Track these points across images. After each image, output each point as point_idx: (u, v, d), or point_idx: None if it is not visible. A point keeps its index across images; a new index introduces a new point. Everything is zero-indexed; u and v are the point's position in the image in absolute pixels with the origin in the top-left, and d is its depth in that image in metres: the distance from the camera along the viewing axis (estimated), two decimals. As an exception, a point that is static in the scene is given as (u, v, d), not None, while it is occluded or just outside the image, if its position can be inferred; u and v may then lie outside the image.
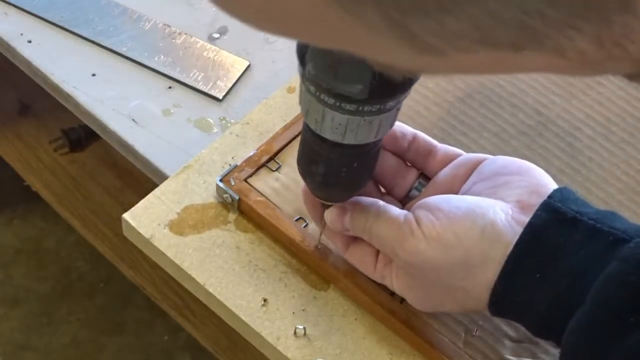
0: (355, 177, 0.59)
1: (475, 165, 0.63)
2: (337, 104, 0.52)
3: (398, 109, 0.54)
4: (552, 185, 0.59)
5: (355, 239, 0.62)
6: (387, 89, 0.51)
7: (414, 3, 0.25)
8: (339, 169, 0.58)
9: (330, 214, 0.62)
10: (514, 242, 0.56)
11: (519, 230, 0.56)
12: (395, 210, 0.59)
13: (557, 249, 0.55)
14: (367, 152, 0.57)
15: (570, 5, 0.24)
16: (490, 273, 0.57)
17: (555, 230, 0.56)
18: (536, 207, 0.57)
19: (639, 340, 0.50)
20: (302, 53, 0.52)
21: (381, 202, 0.60)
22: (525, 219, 0.57)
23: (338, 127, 0.53)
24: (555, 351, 0.63)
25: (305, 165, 0.59)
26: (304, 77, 0.53)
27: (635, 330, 0.51)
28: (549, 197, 0.57)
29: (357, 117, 0.53)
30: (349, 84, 0.50)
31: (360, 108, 0.52)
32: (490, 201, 0.58)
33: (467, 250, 0.56)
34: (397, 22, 0.26)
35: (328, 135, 0.55)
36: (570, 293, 0.54)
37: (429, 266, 0.57)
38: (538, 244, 0.56)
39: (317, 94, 0.52)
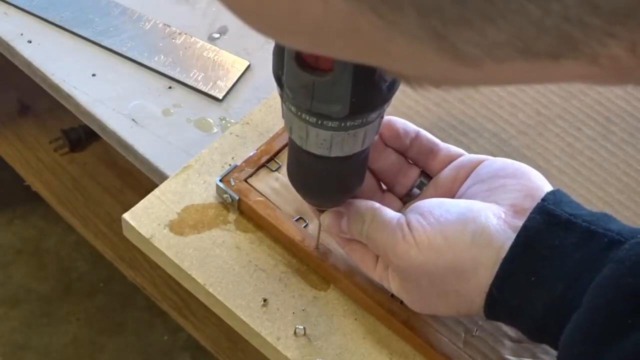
0: (345, 184, 0.59)
1: (475, 167, 0.63)
2: (319, 122, 0.52)
3: (382, 117, 0.54)
4: (547, 188, 0.59)
5: None
6: (367, 103, 0.51)
7: (458, 13, 0.25)
8: (329, 178, 0.58)
9: (326, 218, 0.62)
10: (505, 246, 0.56)
11: (512, 234, 0.56)
12: (389, 214, 0.59)
13: (552, 252, 0.55)
14: (355, 160, 0.57)
15: (612, 12, 0.24)
16: (482, 278, 0.57)
17: (550, 233, 0.56)
18: (530, 211, 0.57)
19: (636, 342, 0.50)
20: (278, 75, 0.52)
21: (377, 205, 0.60)
22: (519, 222, 0.57)
23: (323, 142, 0.53)
24: (555, 352, 0.63)
25: (295, 176, 0.59)
26: (283, 97, 0.53)
27: (633, 332, 0.51)
28: (543, 200, 0.57)
29: (341, 132, 0.52)
30: (328, 105, 0.50)
31: (343, 124, 0.52)
32: (483, 205, 0.58)
33: (458, 255, 0.56)
34: (437, 32, 0.25)
35: (314, 150, 0.54)
36: (566, 296, 0.54)
37: (420, 271, 0.57)
38: (533, 247, 0.56)
39: (299, 113, 0.52)
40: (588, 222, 0.56)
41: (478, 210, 0.57)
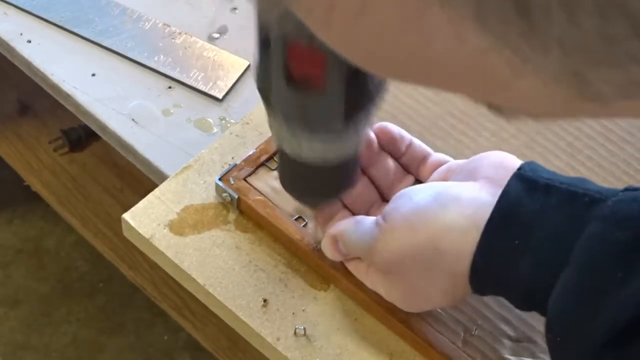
0: (339, 184, 0.59)
1: None
2: (312, 135, 0.52)
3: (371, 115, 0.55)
4: (518, 162, 0.60)
5: None
6: (360, 112, 0.51)
7: (607, 53, 0.23)
8: (322, 183, 0.58)
9: (327, 251, 0.63)
10: (483, 214, 0.56)
11: (488, 199, 0.57)
12: (367, 221, 0.61)
13: (534, 215, 0.55)
14: (347, 163, 0.57)
15: None
16: (462, 247, 0.56)
17: (530, 197, 0.55)
18: (505, 180, 0.57)
19: (634, 293, 0.49)
20: (266, 93, 0.51)
21: (355, 219, 0.61)
22: (496, 190, 0.57)
23: (316, 153, 0.54)
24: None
25: (287, 181, 0.60)
26: (271, 114, 0.52)
27: (627, 284, 0.49)
28: (519, 169, 0.57)
29: (335, 142, 0.53)
30: (322, 120, 0.51)
31: (337, 135, 0.52)
32: (456, 182, 0.59)
33: (431, 228, 0.57)
34: (577, 71, 0.24)
35: (306, 160, 0.55)
36: (552, 257, 0.54)
37: (400, 255, 0.58)
38: (514, 213, 0.55)
39: (290, 129, 0.52)
40: (567, 184, 0.56)
41: (450, 186, 0.59)
